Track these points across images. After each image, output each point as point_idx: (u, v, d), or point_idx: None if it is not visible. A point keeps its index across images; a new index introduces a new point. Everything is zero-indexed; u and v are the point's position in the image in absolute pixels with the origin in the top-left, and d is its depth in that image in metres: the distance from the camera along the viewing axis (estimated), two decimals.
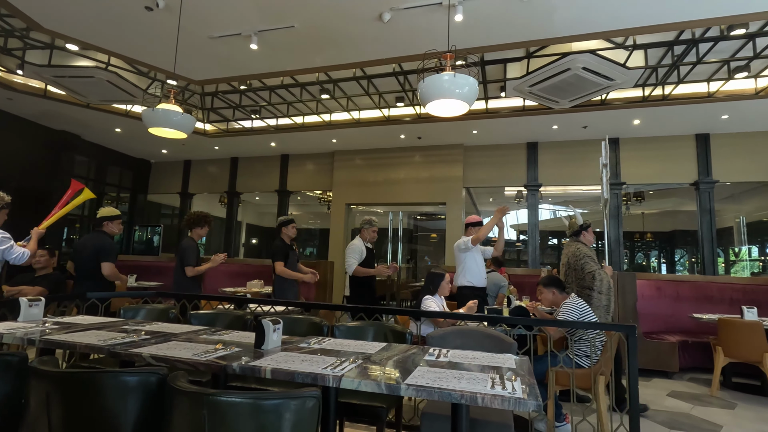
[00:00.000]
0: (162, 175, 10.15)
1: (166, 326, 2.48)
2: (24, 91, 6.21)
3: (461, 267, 4.17)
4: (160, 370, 1.42)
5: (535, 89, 5.34)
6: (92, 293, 3.57)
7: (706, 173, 6.82)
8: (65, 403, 1.37)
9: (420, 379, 1.51)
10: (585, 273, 3.49)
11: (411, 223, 13.00)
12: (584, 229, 3.76)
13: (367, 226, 4.44)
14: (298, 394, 1.24)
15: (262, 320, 1.96)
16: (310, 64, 5.15)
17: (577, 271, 3.56)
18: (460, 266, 4.19)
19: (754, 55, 4.67)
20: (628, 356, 2.42)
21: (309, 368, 1.60)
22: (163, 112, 3.34)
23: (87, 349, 1.87)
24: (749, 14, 3.80)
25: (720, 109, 5.92)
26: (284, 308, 3.59)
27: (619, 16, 3.97)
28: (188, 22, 4.21)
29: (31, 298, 2.48)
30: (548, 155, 7.62)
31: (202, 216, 4.14)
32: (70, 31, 4.56)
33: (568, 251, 3.72)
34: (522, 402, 1.35)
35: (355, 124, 7.08)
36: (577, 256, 3.58)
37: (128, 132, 7.96)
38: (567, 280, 3.68)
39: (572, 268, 3.60)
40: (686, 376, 4.84)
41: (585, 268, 3.49)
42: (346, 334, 2.62)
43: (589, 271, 3.46)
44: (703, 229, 6.84)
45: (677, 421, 3.36)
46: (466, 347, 2.29)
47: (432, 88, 2.67)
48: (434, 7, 3.89)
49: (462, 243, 4.14)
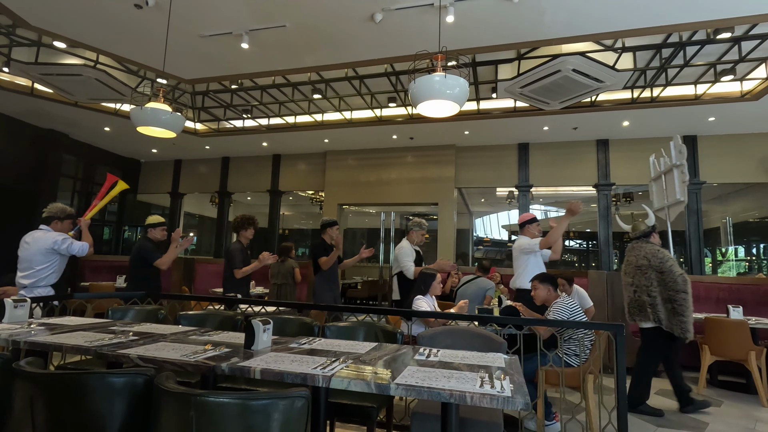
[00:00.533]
0: (152, 174, 10.04)
1: (154, 327, 2.45)
2: (10, 89, 6.10)
3: (523, 269, 3.86)
4: (148, 371, 1.41)
5: (526, 90, 5.38)
6: (79, 294, 3.52)
7: (694, 174, 6.92)
8: (50, 405, 1.34)
9: (410, 379, 1.51)
10: (676, 276, 3.34)
11: (403, 223, 13.02)
12: (654, 231, 3.66)
13: (416, 228, 4.27)
14: (286, 394, 1.23)
15: (252, 320, 1.95)
16: (302, 64, 5.14)
17: (664, 274, 3.41)
18: (521, 268, 3.88)
19: (740, 59, 4.75)
20: (616, 354, 2.45)
21: (299, 368, 1.59)
22: (151, 110, 3.31)
23: (74, 351, 1.84)
24: (735, 18, 3.87)
25: (707, 111, 6.02)
26: (275, 309, 3.57)
27: (608, 19, 4.02)
28: (178, 21, 4.18)
29: (15, 298, 2.44)
30: (539, 156, 7.68)
31: (248, 219, 4.16)
32: (58, 28, 4.50)
33: (644, 252, 3.55)
34: (510, 401, 1.35)
35: (347, 124, 7.08)
36: (660, 258, 3.44)
37: (117, 131, 7.87)
38: (636, 283, 3.55)
39: (655, 270, 3.45)
40: None
41: (675, 271, 3.36)
42: (337, 335, 2.62)
43: (680, 274, 3.34)
44: (690, 230, 6.94)
45: (664, 419, 3.40)
46: (456, 347, 2.30)
47: (423, 88, 2.67)
48: (426, 8, 3.90)
49: (527, 245, 3.82)
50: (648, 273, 3.49)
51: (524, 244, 3.86)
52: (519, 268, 3.93)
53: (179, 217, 9.92)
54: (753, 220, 9.04)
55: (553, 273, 3.61)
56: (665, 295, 3.41)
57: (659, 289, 3.44)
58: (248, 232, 4.17)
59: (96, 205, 3.81)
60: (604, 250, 7.25)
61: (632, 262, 3.62)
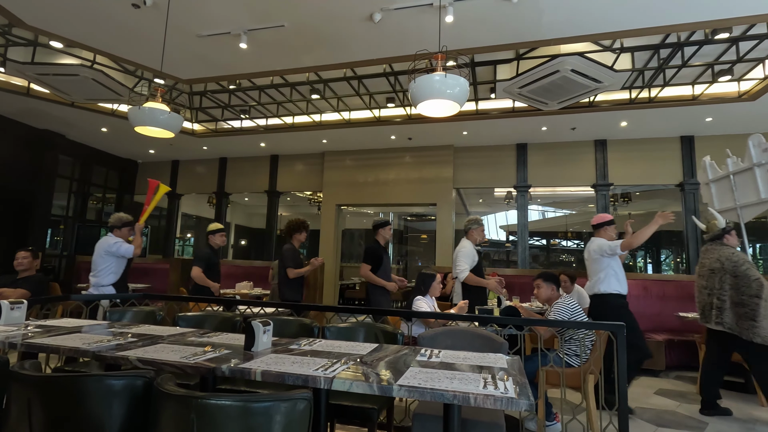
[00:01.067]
0: (149, 175, 9.98)
1: (153, 329, 2.43)
2: (6, 89, 6.06)
3: (605, 273, 3.65)
4: (147, 373, 1.39)
5: (525, 91, 5.38)
6: (76, 296, 3.49)
7: (691, 174, 6.94)
8: (47, 409, 1.33)
9: (412, 380, 1.50)
10: (751, 280, 3.26)
11: (401, 224, 13.01)
12: (727, 232, 3.60)
13: (475, 225, 4.10)
14: (288, 396, 1.22)
15: (252, 322, 1.94)
16: (300, 64, 5.12)
17: (738, 278, 3.33)
18: (603, 272, 3.66)
19: (738, 59, 4.77)
20: (617, 355, 2.45)
21: (300, 370, 1.58)
22: (149, 110, 3.29)
23: (71, 353, 1.82)
24: (733, 18, 3.88)
25: (704, 111, 6.03)
26: (274, 310, 3.55)
27: (607, 20, 4.02)
28: (176, 20, 4.15)
29: (12, 300, 2.41)
30: (537, 156, 7.68)
31: (301, 223, 4.30)
32: (55, 28, 4.46)
33: (719, 255, 3.51)
34: (514, 402, 1.34)
35: (345, 124, 7.06)
36: (735, 261, 3.38)
37: (114, 131, 7.82)
38: (709, 286, 3.50)
39: (729, 274, 3.39)
40: (672, 374, 4.91)
41: (750, 275, 3.28)
42: (337, 336, 2.60)
43: (755, 278, 3.25)
44: (688, 230, 6.96)
45: (664, 419, 3.41)
46: (457, 347, 2.29)
47: (423, 88, 2.66)
48: (425, 8, 3.89)
49: (607, 247, 3.61)
50: (721, 276, 3.44)
51: (605, 246, 3.64)
52: (598, 271, 3.69)
53: (177, 218, 9.88)
54: (751, 220, 9.08)
55: (555, 271, 3.60)
56: (736, 299, 3.34)
57: (730, 292, 3.38)
58: (302, 235, 4.31)
59: (146, 210, 4.22)
60: None
61: (706, 265, 3.60)
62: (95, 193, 9.39)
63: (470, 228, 4.12)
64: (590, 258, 3.75)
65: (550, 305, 3.26)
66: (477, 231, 4.10)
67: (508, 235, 14.86)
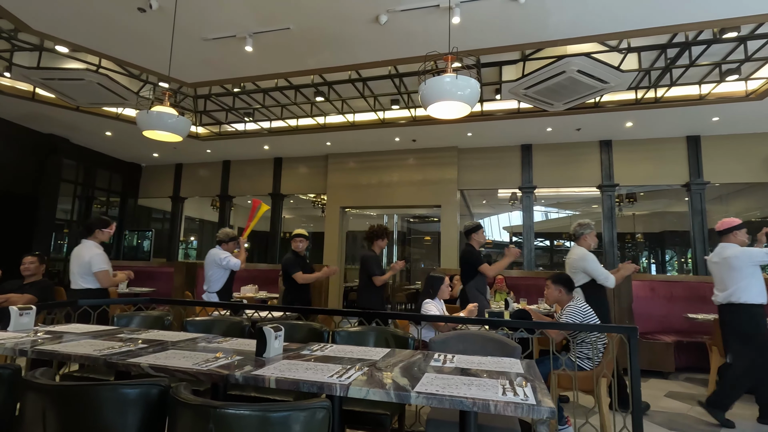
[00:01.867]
0: (153, 178, 10.00)
1: (162, 334, 2.41)
2: (11, 93, 6.07)
3: (749, 281, 3.41)
4: (162, 381, 1.37)
5: (531, 92, 5.35)
6: (83, 300, 3.47)
7: (698, 175, 6.90)
8: (62, 418, 1.31)
9: (429, 387, 1.48)
10: None
11: (405, 225, 12.98)
12: None
13: (588, 230, 3.86)
14: (307, 406, 1.20)
15: (264, 327, 1.92)
16: (305, 67, 5.11)
17: None
18: (742, 280, 3.42)
19: (746, 58, 4.73)
20: (629, 358, 2.42)
21: (314, 377, 1.55)
22: (157, 114, 3.28)
23: (83, 360, 1.80)
24: (742, 17, 3.85)
25: (711, 111, 5.99)
26: (281, 314, 3.53)
27: (614, 20, 3.99)
28: (182, 24, 4.15)
29: (21, 306, 2.40)
30: (542, 157, 7.65)
31: (383, 229, 4.31)
32: (60, 32, 4.46)
33: None
34: (535, 408, 1.32)
35: (349, 126, 7.05)
36: None
37: (119, 135, 7.83)
38: None
39: None
40: (682, 376, 4.87)
41: None
42: (347, 340, 2.58)
43: None
44: (695, 230, 6.91)
45: (676, 422, 3.37)
46: (469, 352, 2.27)
47: (434, 90, 2.64)
48: (431, 9, 3.88)
49: (757, 256, 3.40)
50: None
51: (757, 254, 3.42)
52: (739, 279, 3.43)
53: (180, 221, 9.88)
54: (755, 220, 9.01)
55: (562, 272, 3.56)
56: None
57: None
58: (383, 241, 4.32)
59: (249, 227, 4.64)
60: (608, 251, 7.22)
61: None
62: (99, 196, 9.40)
63: (582, 233, 3.85)
64: (729, 265, 3.48)
65: (560, 307, 3.23)
66: (590, 236, 3.84)
67: (512, 236, 14.81)
